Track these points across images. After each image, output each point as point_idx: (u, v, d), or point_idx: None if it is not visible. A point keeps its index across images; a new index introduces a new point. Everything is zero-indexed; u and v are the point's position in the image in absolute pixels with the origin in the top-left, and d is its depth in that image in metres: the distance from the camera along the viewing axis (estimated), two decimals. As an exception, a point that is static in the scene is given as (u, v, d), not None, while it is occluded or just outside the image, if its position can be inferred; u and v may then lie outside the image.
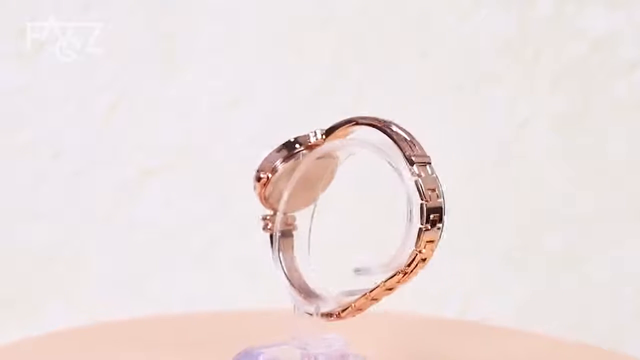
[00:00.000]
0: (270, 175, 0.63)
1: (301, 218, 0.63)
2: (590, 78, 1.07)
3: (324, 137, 0.61)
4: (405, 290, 0.61)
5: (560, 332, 1.03)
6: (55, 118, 1.04)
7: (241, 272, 1.06)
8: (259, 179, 0.63)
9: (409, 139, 0.58)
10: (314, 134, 0.62)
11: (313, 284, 0.63)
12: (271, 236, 0.64)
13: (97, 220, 1.05)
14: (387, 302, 0.64)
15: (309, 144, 0.62)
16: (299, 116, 1.04)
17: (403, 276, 0.60)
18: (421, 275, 1.05)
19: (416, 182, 0.58)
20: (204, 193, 1.06)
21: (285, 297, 0.64)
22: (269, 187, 0.63)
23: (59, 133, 1.04)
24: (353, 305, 0.60)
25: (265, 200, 0.63)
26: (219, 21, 1.05)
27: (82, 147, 1.04)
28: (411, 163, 0.58)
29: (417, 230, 0.58)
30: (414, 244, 0.59)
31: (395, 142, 0.58)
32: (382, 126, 0.59)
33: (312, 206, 0.64)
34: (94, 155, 1.05)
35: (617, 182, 1.09)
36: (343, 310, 0.61)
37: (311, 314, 0.61)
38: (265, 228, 0.64)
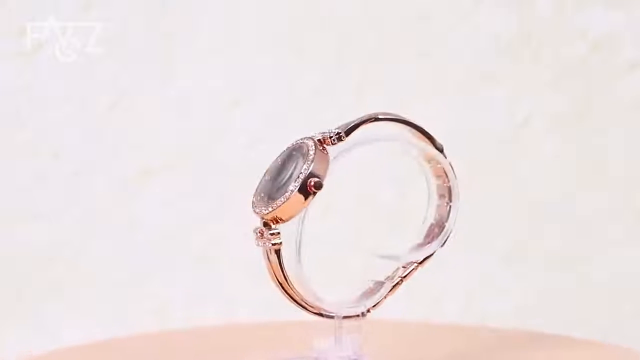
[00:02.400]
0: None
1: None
2: (590, 78, 1.07)
3: (344, 137, 0.60)
4: (403, 290, 0.61)
5: (559, 332, 1.03)
6: (55, 118, 1.04)
7: (241, 273, 1.05)
8: (318, 186, 0.58)
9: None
10: (334, 134, 0.60)
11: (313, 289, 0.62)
12: (277, 251, 0.59)
13: (97, 220, 1.05)
14: (388, 305, 0.64)
15: (323, 146, 0.60)
16: (299, 116, 1.04)
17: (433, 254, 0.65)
18: (420, 274, 1.04)
19: (450, 164, 0.64)
20: (204, 193, 1.05)
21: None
22: None
23: (59, 133, 1.04)
24: (384, 299, 0.61)
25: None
26: (219, 21, 1.05)
27: (82, 147, 1.04)
28: (442, 149, 0.64)
29: (449, 208, 0.64)
30: (447, 222, 0.65)
31: (422, 132, 0.63)
32: (404, 119, 0.62)
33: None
34: (94, 155, 1.04)
35: (617, 182, 1.08)
36: (370, 308, 0.62)
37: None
38: (271, 242, 0.59)
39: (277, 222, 0.58)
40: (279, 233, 0.58)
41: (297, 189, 0.57)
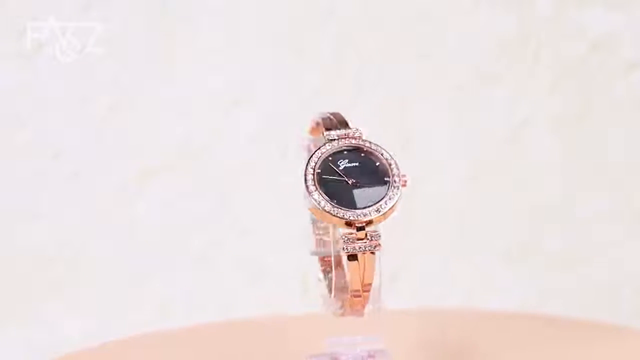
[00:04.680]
0: None
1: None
2: (590, 78, 1.06)
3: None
4: (403, 290, 0.61)
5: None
6: (55, 118, 1.04)
7: (242, 273, 1.05)
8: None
9: None
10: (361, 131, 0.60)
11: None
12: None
13: (97, 220, 1.04)
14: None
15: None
16: (299, 116, 1.01)
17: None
18: (420, 274, 1.03)
19: None
20: (204, 193, 1.05)
21: (286, 298, 0.64)
22: None
23: (59, 133, 1.04)
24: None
25: None
26: (218, 21, 1.04)
27: (82, 147, 1.04)
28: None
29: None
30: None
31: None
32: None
33: None
34: (94, 155, 1.04)
35: (617, 182, 1.08)
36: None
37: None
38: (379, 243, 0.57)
39: (371, 224, 0.57)
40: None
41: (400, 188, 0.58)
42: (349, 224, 0.56)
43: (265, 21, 1.05)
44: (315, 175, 0.58)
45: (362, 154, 0.58)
